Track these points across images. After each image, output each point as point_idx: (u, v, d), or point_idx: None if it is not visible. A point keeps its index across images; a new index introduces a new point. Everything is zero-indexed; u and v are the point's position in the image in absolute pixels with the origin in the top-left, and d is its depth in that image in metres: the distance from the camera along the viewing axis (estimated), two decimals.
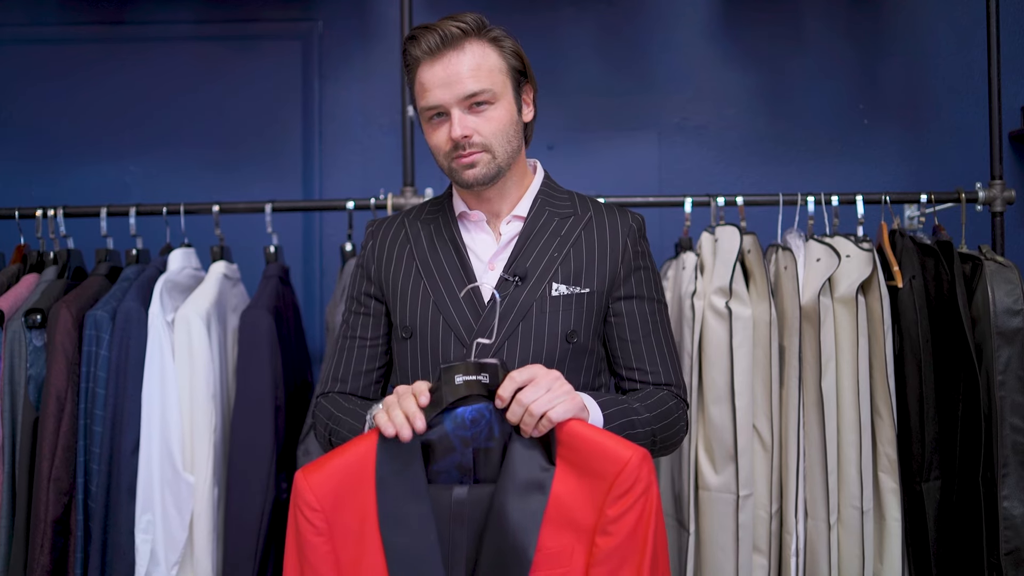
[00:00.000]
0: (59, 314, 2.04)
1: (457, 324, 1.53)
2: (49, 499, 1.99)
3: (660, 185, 2.87)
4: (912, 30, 2.87)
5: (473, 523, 1.33)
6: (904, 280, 2.11)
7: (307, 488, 1.32)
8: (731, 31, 2.89)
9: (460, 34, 1.49)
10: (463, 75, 1.48)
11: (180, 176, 2.87)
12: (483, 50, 1.50)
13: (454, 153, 1.51)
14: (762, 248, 2.20)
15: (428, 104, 1.51)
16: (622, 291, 1.58)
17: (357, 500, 1.33)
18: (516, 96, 1.55)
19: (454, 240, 1.60)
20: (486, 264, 1.58)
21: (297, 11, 2.92)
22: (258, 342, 2.11)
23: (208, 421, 2.07)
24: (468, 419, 1.36)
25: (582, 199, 1.65)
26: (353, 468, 1.34)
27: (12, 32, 2.92)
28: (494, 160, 1.52)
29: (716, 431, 2.05)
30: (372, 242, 1.67)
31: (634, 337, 1.58)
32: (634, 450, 1.30)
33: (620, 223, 1.60)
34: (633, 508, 1.28)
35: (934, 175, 2.73)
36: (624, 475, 1.28)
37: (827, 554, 2.04)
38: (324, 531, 1.32)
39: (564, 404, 1.32)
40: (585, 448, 1.31)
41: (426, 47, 1.49)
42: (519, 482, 1.32)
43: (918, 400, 2.08)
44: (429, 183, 2.52)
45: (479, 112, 1.50)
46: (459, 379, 1.34)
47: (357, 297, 1.66)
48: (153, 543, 2.00)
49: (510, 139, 1.53)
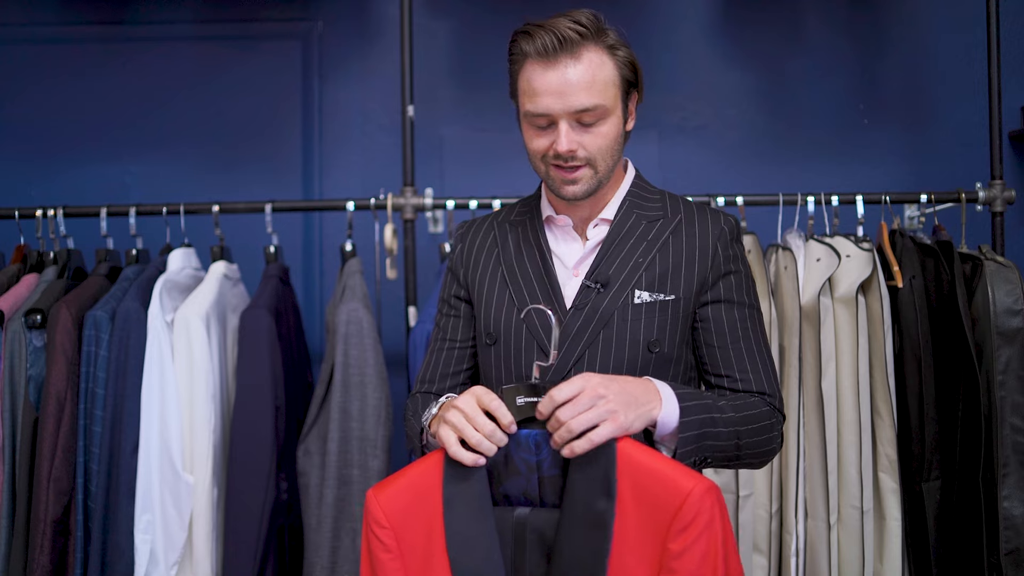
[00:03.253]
0: (59, 314, 2.04)
1: (540, 334, 1.48)
2: (49, 499, 1.99)
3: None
4: (912, 30, 2.87)
5: (535, 546, 1.31)
6: (904, 280, 2.11)
7: (376, 506, 1.32)
8: (731, 31, 2.89)
9: (578, 38, 1.41)
10: (577, 87, 1.40)
11: (180, 176, 2.87)
12: (599, 59, 1.43)
13: (554, 162, 1.46)
14: (762, 248, 2.20)
15: (535, 111, 1.43)
16: (710, 296, 1.50)
17: (424, 518, 1.32)
18: (624, 107, 1.48)
19: (540, 246, 1.55)
20: (570, 270, 1.54)
21: (297, 11, 2.92)
22: (258, 342, 2.11)
23: (208, 421, 2.07)
24: (533, 443, 1.32)
25: (673, 199, 1.58)
26: (421, 486, 1.32)
27: (12, 32, 2.92)
28: (596, 175, 1.46)
29: None
30: (461, 245, 1.63)
31: (722, 343, 1.50)
32: (697, 480, 1.24)
33: (711, 226, 1.52)
34: (697, 543, 1.21)
35: (934, 175, 2.73)
36: (687, 507, 1.22)
37: (827, 554, 2.04)
38: (393, 548, 1.32)
39: (607, 425, 1.27)
40: (645, 478, 1.25)
41: (541, 46, 1.40)
42: (581, 514, 1.27)
43: (918, 400, 2.08)
44: (429, 183, 2.53)
45: (588, 126, 1.43)
46: (520, 400, 1.31)
47: (448, 299, 1.63)
48: (153, 543, 2.00)
49: (614, 154, 1.47)
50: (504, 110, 2.74)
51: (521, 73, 1.46)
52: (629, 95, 1.50)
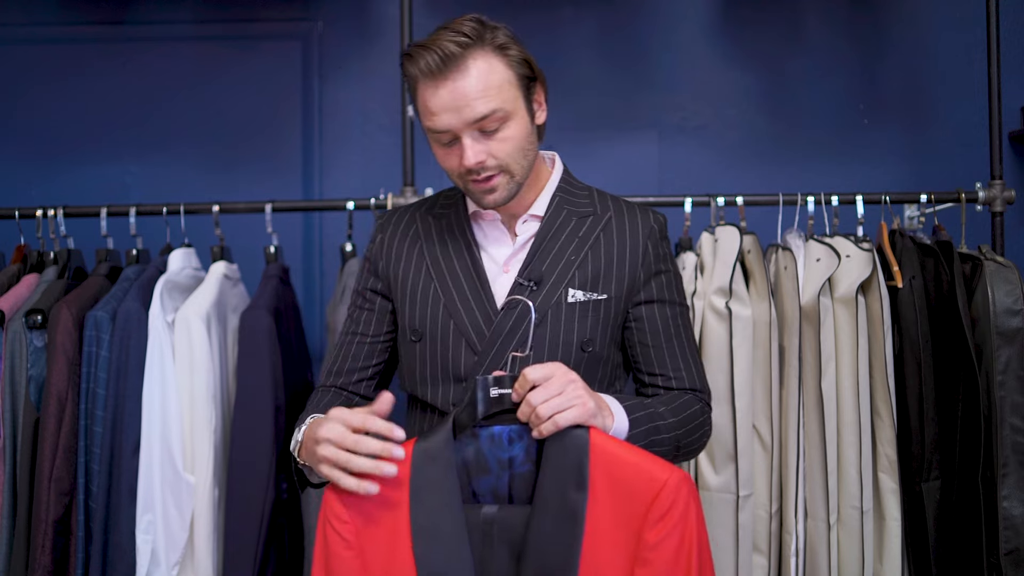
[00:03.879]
0: (60, 314, 2.04)
1: (468, 330, 1.47)
2: (50, 499, 1.99)
3: (660, 185, 2.87)
4: (912, 30, 2.87)
5: (504, 544, 1.28)
6: (904, 280, 2.11)
7: (336, 500, 1.29)
8: (731, 31, 2.89)
9: (460, 51, 1.38)
10: (470, 97, 1.38)
11: (180, 176, 2.87)
12: (488, 64, 1.40)
13: (469, 176, 1.44)
14: (762, 248, 2.20)
15: (436, 128, 1.42)
16: (642, 296, 1.52)
17: (389, 514, 1.29)
18: (528, 104, 1.46)
19: (467, 241, 1.54)
20: (501, 267, 1.53)
21: (297, 11, 2.92)
22: (258, 342, 2.11)
23: (208, 421, 2.07)
24: (506, 439, 1.31)
25: (601, 196, 1.58)
26: (387, 481, 1.28)
27: (12, 32, 2.92)
28: (512, 179, 1.45)
29: (716, 431, 2.05)
30: (381, 236, 1.60)
31: (656, 342, 1.52)
32: (672, 470, 1.24)
33: (641, 224, 1.54)
34: (673, 533, 1.21)
35: (934, 175, 2.73)
36: (662, 497, 1.22)
37: (827, 554, 2.05)
38: (353, 544, 1.28)
39: (575, 410, 1.27)
40: (619, 469, 1.25)
41: (426, 66, 1.39)
42: (554, 506, 1.26)
43: (918, 400, 2.08)
44: (429, 183, 2.52)
45: (492, 134, 1.41)
46: (494, 392, 1.29)
47: (362, 292, 1.60)
48: (154, 543, 2.00)
49: (526, 153, 1.46)
50: None
51: (417, 95, 1.44)
52: (531, 90, 1.47)
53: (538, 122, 1.50)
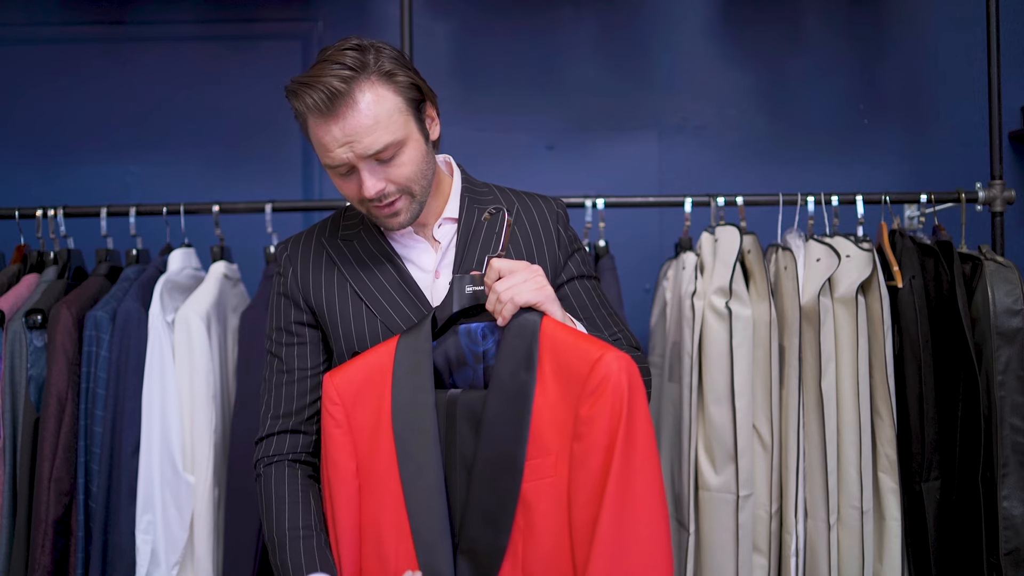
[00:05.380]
0: (59, 314, 2.04)
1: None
2: (50, 499, 1.99)
3: (660, 185, 2.88)
4: (912, 30, 2.87)
5: (465, 422, 1.38)
6: (904, 280, 2.11)
7: (331, 386, 1.43)
8: (731, 31, 2.89)
9: (345, 87, 1.37)
10: (362, 133, 1.39)
11: (180, 176, 2.87)
12: (375, 94, 1.40)
13: (371, 204, 1.46)
14: (762, 248, 2.20)
15: (332, 164, 1.44)
16: (565, 275, 1.59)
17: (375, 397, 1.41)
18: (420, 125, 1.47)
19: (389, 256, 1.54)
20: (431, 274, 1.54)
21: (297, 11, 2.92)
22: (258, 342, 2.11)
23: (208, 421, 2.07)
24: (479, 334, 1.40)
25: (502, 190, 1.64)
26: (373, 368, 1.42)
27: (12, 32, 2.92)
28: (414, 199, 1.48)
29: (716, 431, 2.05)
30: (292, 268, 1.58)
31: (587, 314, 1.59)
32: (607, 349, 1.29)
33: (547, 211, 1.61)
34: (603, 406, 1.26)
35: (934, 175, 2.73)
36: (594, 372, 1.27)
37: (827, 554, 2.05)
38: (343, 423, 1.41)
39: (531, 292, 1.34)
40: (563, 351, 1.32)
41: (313, 105, 1.38)
42: (506, 387, 1.34)
43: (918, 400, 2.08)
44: None
45: (389, 162, 1.43)
46: (469, 289, 1.40)
47: (284, 328, 1.57)
48: (154, 543, 2.01)
49: (425, 173, 1.48)
50: (503, 111, 2.76)
51: (308, 131, 1.45)
52: (422, 111, 1.48)
53: (432, 138, 1.52)
